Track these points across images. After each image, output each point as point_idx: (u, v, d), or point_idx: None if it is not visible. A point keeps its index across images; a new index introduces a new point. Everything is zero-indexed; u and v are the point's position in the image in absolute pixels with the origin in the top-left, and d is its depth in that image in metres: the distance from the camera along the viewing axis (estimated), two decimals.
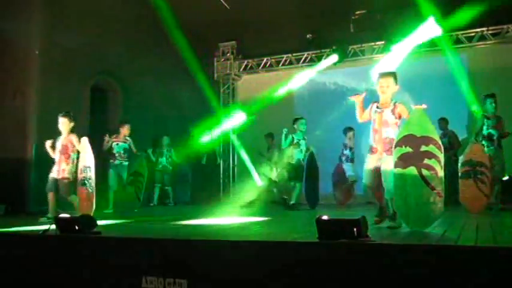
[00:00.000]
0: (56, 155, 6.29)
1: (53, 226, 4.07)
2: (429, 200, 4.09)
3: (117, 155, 8.35)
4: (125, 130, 8.44)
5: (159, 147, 10.12)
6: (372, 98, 10.36)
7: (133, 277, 3.50)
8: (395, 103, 4.69)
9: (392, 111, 4.66)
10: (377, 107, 4.80)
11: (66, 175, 6.19)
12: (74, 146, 6.26)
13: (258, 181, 10.59)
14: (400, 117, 4.63)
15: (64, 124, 6.31)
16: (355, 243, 3.08)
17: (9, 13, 8.31)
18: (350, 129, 9.31)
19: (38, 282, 3.90)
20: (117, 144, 8.38)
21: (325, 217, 3.27)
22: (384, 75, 4.88)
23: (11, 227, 5.14)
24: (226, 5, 9.94)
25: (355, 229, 3.10)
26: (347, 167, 9.33)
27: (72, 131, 6.35)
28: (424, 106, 4.40)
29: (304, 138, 8.45)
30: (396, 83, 4.80)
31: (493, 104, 7.18)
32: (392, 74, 4.87)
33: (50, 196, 6.27)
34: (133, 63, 9.99)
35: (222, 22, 10.83)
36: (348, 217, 3.22)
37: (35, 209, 7.76)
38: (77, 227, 3.99)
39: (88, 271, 3.73)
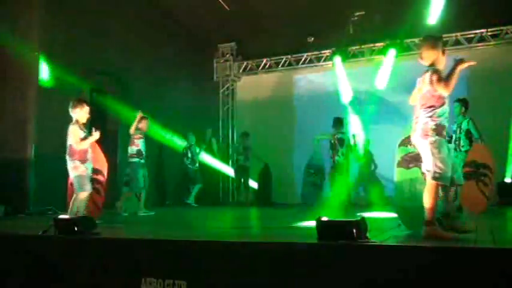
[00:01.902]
0: (90, 150, 5.70)
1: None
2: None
3: (144, 153, 7.76)
4: (143, 125, 7.81)
5: (189, 144, 10.14)
6: (372, 98, 10.32)
7: (133, 278, 3.50)
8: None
9: None
10: None
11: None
12: None
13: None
14: None
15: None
16: (354, 244, 3.08)
17: (9, 13, 8.30)
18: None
19: (37, 282, 3.89)
20: (143, 141, 7.80)
21: (325, 218, 3.27)
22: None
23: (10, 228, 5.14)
24: (225, 6, 9.94)
25: (354, 230, 3.11)
26: None
27: None
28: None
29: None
30: (434, 47, 4.01)
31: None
32: (425, 40, 4.17)
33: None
34: (133, 64, 9.98)
35: (221, 23, 10.83)
36: (348, 218, 3.22)
37: (35, 210, 7.75)
38: (76, 228, 3.99)
39: (87, 272, 3.72)
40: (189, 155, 10.17)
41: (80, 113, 5.63)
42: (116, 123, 9.46)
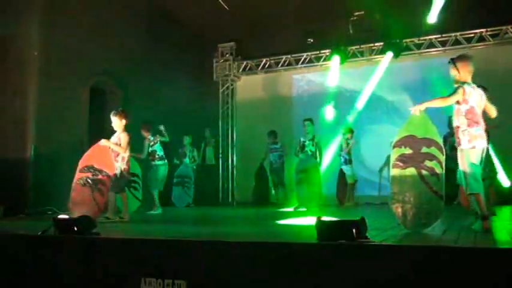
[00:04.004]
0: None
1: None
2: (429, 202, 4.08)
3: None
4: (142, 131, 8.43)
5: (181, 148, 10.32)
6: (371, 98, 10.35)
7: (133, 278, 3.50)
8: (481, 88, 4.45)
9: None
10: None
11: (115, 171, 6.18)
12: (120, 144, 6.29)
13: None
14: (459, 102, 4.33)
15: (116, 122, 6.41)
16: (354, 244, 3.08)
17: (9, 14, 8.30)
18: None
19: (37, 282, 3.90)
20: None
21: (324, 218, 3.27)
22: None
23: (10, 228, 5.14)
24: (225, 6, 9.94)
25: (354, 230, 3.11)
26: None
27: (124, 129, 6.44)
28: (421, 108, 4.33)
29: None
30: (454, 66, 4.43)
31: None
32: (451, 60, 4.52)
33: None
34: (132, 64, 9.99)
35: (221, 23, 10.83)
36: (348, 218, 3.22)
37: (35, 210, 7.74)
38: (76, 228, 3.99)
39: (87, 272, 3.72)
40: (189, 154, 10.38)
41: None
42: None
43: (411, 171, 4.14)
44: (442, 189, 4.10)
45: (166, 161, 8.45)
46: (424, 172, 4.10)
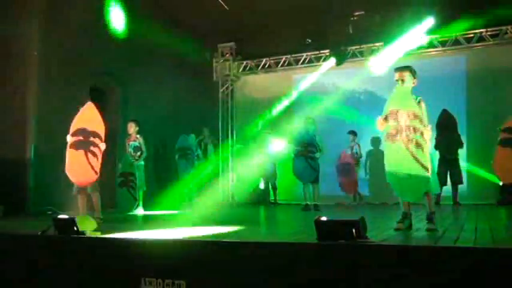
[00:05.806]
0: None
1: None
2: (418, 173, 4.14)
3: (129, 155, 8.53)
4: (128, 128, 8.53)
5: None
6: (371, 98, 10.42)
7: (133, 278, 3.50)
8: (419, 100, 4.47)
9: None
10: None
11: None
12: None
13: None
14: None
15: None
16: (354, 244, 3.08)
17: (9, 14, 8.30)
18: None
19: (36, 282, 3.90)
20: (129, 144, 8.57)
21: (324, 218, 3.27)
22: (398, 69, 4.64)
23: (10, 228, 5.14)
24: (225, 6, 9.94)
25: (354, 230, 3.11)
26: None
27: None
28: None
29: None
30: (414, 76, 4.55)
31: None
32: (408, 68, 4.59)
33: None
34: (132, 64, 9.98)
35: (221, 23, 10.83)
36: (347, 218, 3.22)
37: (34, 210, 7.74)
38: (76, 228, 3.99)
39: (87, 272, 3.72)
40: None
41: None
42: (115, 123, 9.47)
43: (399, 144, 4.21)
44: (426, 161, 4.13)
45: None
46: (410, 145, 4.16)
